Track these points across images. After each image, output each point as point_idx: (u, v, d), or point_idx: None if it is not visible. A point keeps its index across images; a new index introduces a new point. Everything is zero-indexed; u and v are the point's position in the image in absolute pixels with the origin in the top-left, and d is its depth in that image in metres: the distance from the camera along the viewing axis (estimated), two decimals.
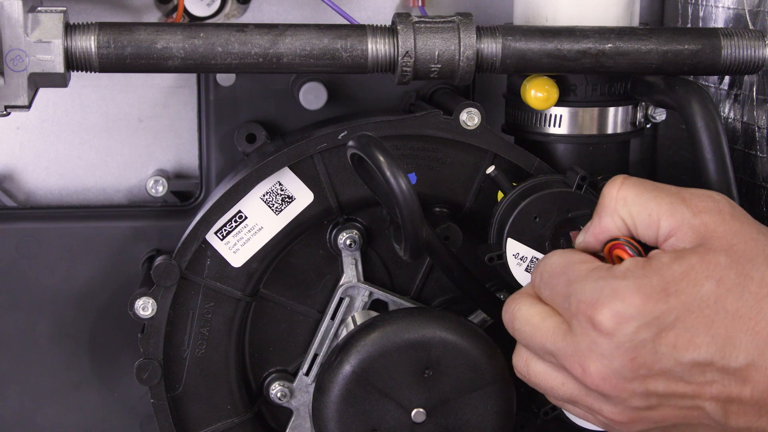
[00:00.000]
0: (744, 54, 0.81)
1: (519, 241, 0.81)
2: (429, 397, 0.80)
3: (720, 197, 0.69)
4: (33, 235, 0.95)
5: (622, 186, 0.71)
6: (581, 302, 0.67)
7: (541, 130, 0.87)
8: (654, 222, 0.69)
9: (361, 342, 0.80)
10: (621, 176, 0.71)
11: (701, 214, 0.68)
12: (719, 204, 0.68)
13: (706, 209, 0.68)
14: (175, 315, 0.86)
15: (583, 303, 0.67)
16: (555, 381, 0.71)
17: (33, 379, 0.97)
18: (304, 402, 0.90)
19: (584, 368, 0.67)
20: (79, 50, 0.76)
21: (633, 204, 0.70)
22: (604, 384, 0.67)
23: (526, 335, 0.71)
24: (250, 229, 0.85)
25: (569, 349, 0.68)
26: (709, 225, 0.67)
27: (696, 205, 0.68)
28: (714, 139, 0.78)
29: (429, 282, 0.91)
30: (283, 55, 0.78)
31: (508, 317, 0.73)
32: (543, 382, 0.72)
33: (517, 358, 0.74)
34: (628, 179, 0.71)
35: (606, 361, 0.66)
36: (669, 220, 0.68)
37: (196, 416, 0.88)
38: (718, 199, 0.69)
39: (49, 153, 0.98)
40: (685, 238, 0.68)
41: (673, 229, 0.68)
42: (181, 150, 0.99)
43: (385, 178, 0.74)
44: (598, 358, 0.67)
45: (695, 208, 0.68)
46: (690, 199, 0.69)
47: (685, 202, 0.68)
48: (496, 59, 0.80)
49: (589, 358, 0.67)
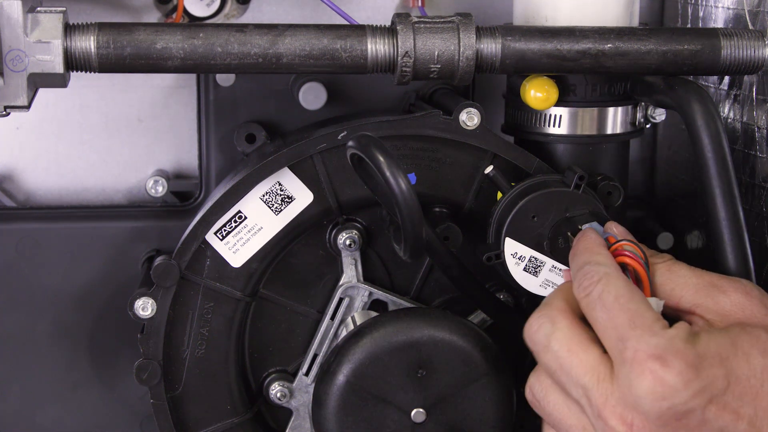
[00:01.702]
0: (744, 54, 0.81)
1: (517, 241, 0.81)
2: (426, 396, 0.80)
3: (747, 282, 0.71)
4: (33, 235, 0.95)
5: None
6: (640, 351, 0.64)
7: (540, 130, 0.87)
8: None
9: (350, 351, 0.80)
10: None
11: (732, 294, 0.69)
12: (747, 287, 0.70)
13: (736, 290, 0.69)
14: (174, 315, 0.86)
15: (641, 353, 0.64)
16: (573, 419, 0.68)
17: (33, 379, 0.97)
18: (303, 402, 0.90)
19: (624, 419, 0.64)
20: (79, 50, 0.76)
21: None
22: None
23: (562, 362, 0.67)
24: (249, 229, 0.85)
25: (611, 394, 0.65)
26: (744, 307, 0.69)
27: (726, 288, 0.69)
28: (714, 139, 0.78)
29: (429, 282, 0.91)
30: (282, 56, 0.78)
31: (542, 335, 0.69)
32: (556, 415, 0.69)
33: (535, 382, 0.71)
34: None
35: (651, 419, 0.63)
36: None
37: (196, 416, 0.88)
38: (746, 283, 0.70)
39: (49, 153, 0.98)
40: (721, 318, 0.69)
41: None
42: (180, 150, 0.99)
43: (385, 178, 0.74)
44: (643, 414, 0.63)
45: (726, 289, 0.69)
46: (720, 284, 0.70)
47: (716, 287, 0.70)
48: (495, 59, 0.80)
49: (634, 412, 0.64)
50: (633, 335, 0.64)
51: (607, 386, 0.65)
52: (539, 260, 0.81)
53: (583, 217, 0.80)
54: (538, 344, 0.69)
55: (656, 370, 0.63)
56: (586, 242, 0.74)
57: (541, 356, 0.69)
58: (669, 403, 0.63)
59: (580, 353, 0.66)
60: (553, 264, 0.82)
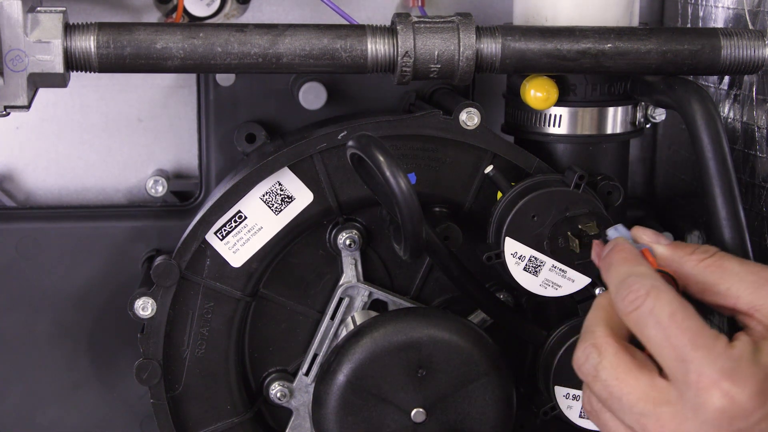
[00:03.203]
0: (744, 54, 0.81)
1: (517, 240, 0.81)
2: (426, 396, 0.80)
3: None
4: (33, 235, 0.95)
5: None
6: (705, 375, 0.61)
7: (540, 130, 0.87)
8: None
9: (350, 351, 0.80)
10: None
11: None
12: None
13: None
14: (174, 315, 0.86)
15: (707, 377, 0.61)
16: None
17: (33, 379, 0.97)
18: (303, 402, 0.90)
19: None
20: (79, 50, 0.76)
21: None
22: None
23: (612, 390, 0.65)
24: (249, 229, 0.85)
25: (671, 419, 0.63)
26: None
27: None
28: (714, 138, 0.78)
29: (429, 282, 0.91)
30: (282, 55, 0.78)
31: (590, 366, 0.66)
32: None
33: (589, 399, 0.69)
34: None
35: None
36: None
37: (196, 416, 0.88)
38: None
39: (49, 153, 0.98)
40: None
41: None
42: (180, 150, 0.99)
43: (385, 178, 0.74)
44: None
45: None
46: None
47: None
48: (495, 59, 0.80)
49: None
50: (696, 357, 0.62)
51: (664, 410, 0.63)
52: (539, 260, 0.81)
53: (583, 217, 0.80)
54: (587, 375, 0.67)
55: (727, 392, 0.61)
56: (622, 252, 0.69)
57: (591, 386, 0.67)
58: (737, 426, 0.61)
59: (630, 380, 0.64)
60: (553, 263, 0.82)
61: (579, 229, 0.81)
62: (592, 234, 0.80)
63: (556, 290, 0.83)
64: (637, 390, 0.64)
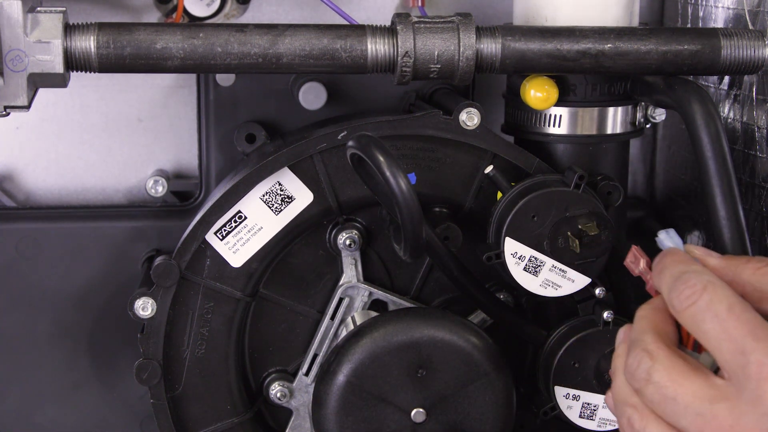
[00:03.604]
0: (744, 54, 0.81)
1: (517, 240, 0.81)
2: (426, 396, 0.80)
3: None
4: (33, 235, 0.95)
5: None
6: (765, 366, 0.59)
7: (540, 130, 0.87)
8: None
9: (350, 351, 0.80)
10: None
11: None
12: None
13: None
14: (174, 315, 0.86)
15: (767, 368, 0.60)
16: None
17: (33, 379, 0.97)
18: (303, 402, 0.90)
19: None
20: (79, 50, 0.76)
21: None
22: None
23: (665, 392, 0.63)
24: (249, 229, 0.85)
25: (729, 413, 0.61)
26: None
27: None
28: (714, 139, 0.78)
29: (429, 282, 0.91)
30: (282, 56, 0.78)
31: (642, 370, 0.65)
32: None
33: (634, 412, 0.66)
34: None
35: None
36: None
37: (196, 416, 0.88)
38: None
39: (49, 153, 0.98)
40: None
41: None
42: (180, 150, 0.99)
43: (385, 178, 0.74)
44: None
45: None
46: None
47: None
48: (495, 59, 0.80)
49: (758, 428, 0.59)
50: (757, 348, 0.60)
51: (721, 406, 0.62)
52: (539, 260, 0.81)
53: (583, 217, 0.80)
54: (639, 380, 0.65)
55: None
56: (676, 256, 0.68)
57: (643, 391, 0.65)
58: None
59: (683, 381, 0.63)
60: (553, 264, 0.82)
61: (579, 229, 0.81)
62: (592, 234, 0.80)
63: (556, 290, 0.83)
64: (692, 389, 0.63)
